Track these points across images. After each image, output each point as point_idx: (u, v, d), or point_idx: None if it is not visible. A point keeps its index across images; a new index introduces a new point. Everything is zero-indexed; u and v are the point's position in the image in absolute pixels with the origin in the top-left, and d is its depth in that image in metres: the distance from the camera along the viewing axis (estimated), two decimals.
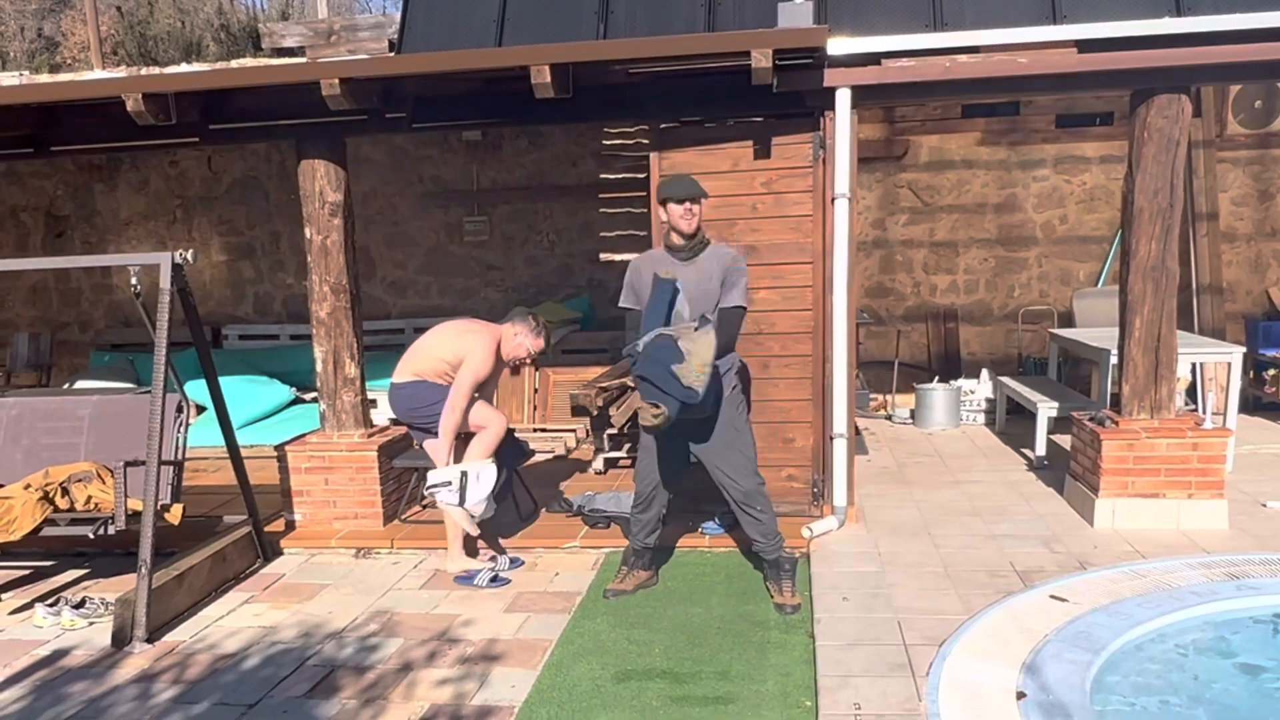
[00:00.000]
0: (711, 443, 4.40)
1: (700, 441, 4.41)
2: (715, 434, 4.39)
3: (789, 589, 4.40)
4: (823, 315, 5.29)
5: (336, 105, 4.83)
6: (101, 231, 10.01)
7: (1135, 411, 5.21)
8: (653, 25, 5.60)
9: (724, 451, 4.40)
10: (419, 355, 5.06)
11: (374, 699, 3.66)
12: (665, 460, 4.49)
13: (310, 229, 5.58)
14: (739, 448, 4.44)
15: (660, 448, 4.48)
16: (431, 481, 4.86)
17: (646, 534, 4.66)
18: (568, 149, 9.16)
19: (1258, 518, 5.23)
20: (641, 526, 4.65)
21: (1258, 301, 8.58)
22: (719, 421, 4.39)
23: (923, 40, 4.97)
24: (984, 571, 4.58)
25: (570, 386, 7.25)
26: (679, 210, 4.32)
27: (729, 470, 4.41)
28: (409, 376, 5.03)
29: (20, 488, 4.68)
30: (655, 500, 4.57)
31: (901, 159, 8.80)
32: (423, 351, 5.06)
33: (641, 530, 4.65)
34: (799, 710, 3.42)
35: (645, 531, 4.65)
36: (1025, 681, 3.41)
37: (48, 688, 3.88)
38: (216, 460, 6.53)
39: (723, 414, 4.40)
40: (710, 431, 4.38)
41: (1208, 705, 3.53)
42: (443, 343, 5.04)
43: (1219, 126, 8.30)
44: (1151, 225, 5.03)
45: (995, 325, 8.96)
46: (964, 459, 6.94)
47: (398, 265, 9.62)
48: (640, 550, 4.69)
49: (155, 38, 11.55)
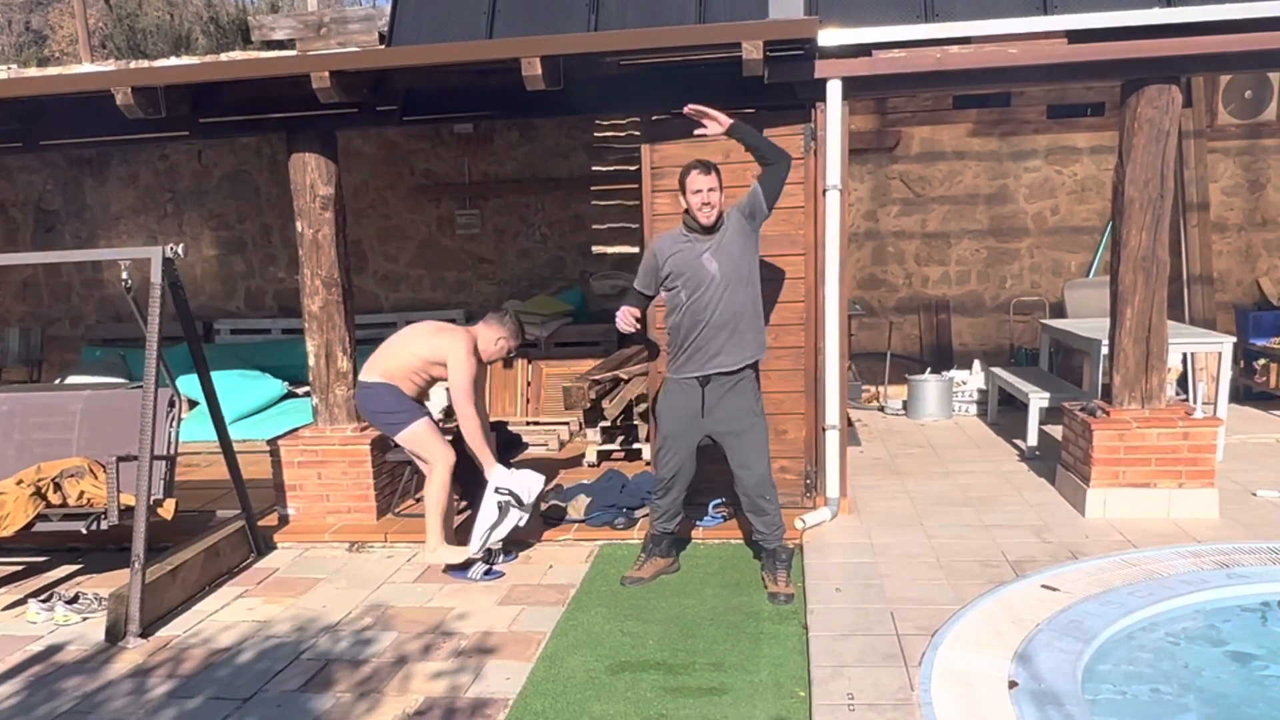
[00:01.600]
0: (731, 428, 4.43)
1: (720, 427, 4.44)
2: (735, 419, 4.43)
3: (784, 579, 4.42)
4: (814, 307, 5.30)
5: (327, 98, 4.81)
6: (92, 226, 9.97)
7: (1126, 401, 5.23)
8: (644, 17, 5.58)
9: (741, 438, 4.44)
10: (390, 353, 5.00)
11: (369, 692, 3.67)
12: (684, 446, 4.51)
13: (301, 223, 5.56)
14: (756, 434, 4.47)
15: (678, 435, 4.50)
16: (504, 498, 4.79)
17: (667, 519, 4.67)
18: (559, 141, 9.15)
19: (1248, 507, 5.25)
20: (662, 512, 4.66)
21: (1248, 291, 8.61)
22: (739, 408, 4.43)
23: (914, 31, 4.97)
24: (976, 561, 4.60)
25: (563, 379, 7.26)
26: (695, 202, 4.30)
27: (746, 456, 4.44)
28: (377, 377, 4.95)
29: (12, 483, 4.66)
30: (676, 484, 4.58)
31: (893, 150, 8.80)
32: (395, 349, 5.00)
33: (661, 516, 4.67)
34: (792, 700, 3.43)
35: (666, 517, 4.67)
36: (1017, 670, 3.43)
37: (42, 683, 3.88)
38: (209, 455, 6.51)
39: (742, 401, 4.43)
40: (730, 417, 4.42)
41: (1198, 693, 3.55)
42: (418, 339, 5.00)
43: (1209, 117, 8.31)
44: (1142, 215, 5.04)
45: (987, 316, 8.98)
46: (956, 450, 6.97)
47: (389, 259, 9.60)
48: (659, 536, 4.71)
49: (144, 31, 11.48)
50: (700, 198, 4.27)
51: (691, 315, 4.36)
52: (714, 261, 4.32)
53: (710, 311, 4.33)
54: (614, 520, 5.37)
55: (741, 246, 4.38)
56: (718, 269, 4.31)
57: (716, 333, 4.35)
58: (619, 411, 6.66)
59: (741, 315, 4.38)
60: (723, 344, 4.36)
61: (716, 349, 4.37)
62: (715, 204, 4.29)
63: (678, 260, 4.38)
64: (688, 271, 4.36)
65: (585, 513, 5.46)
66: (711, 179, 4.28)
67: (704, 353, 4.39)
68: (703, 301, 4.34)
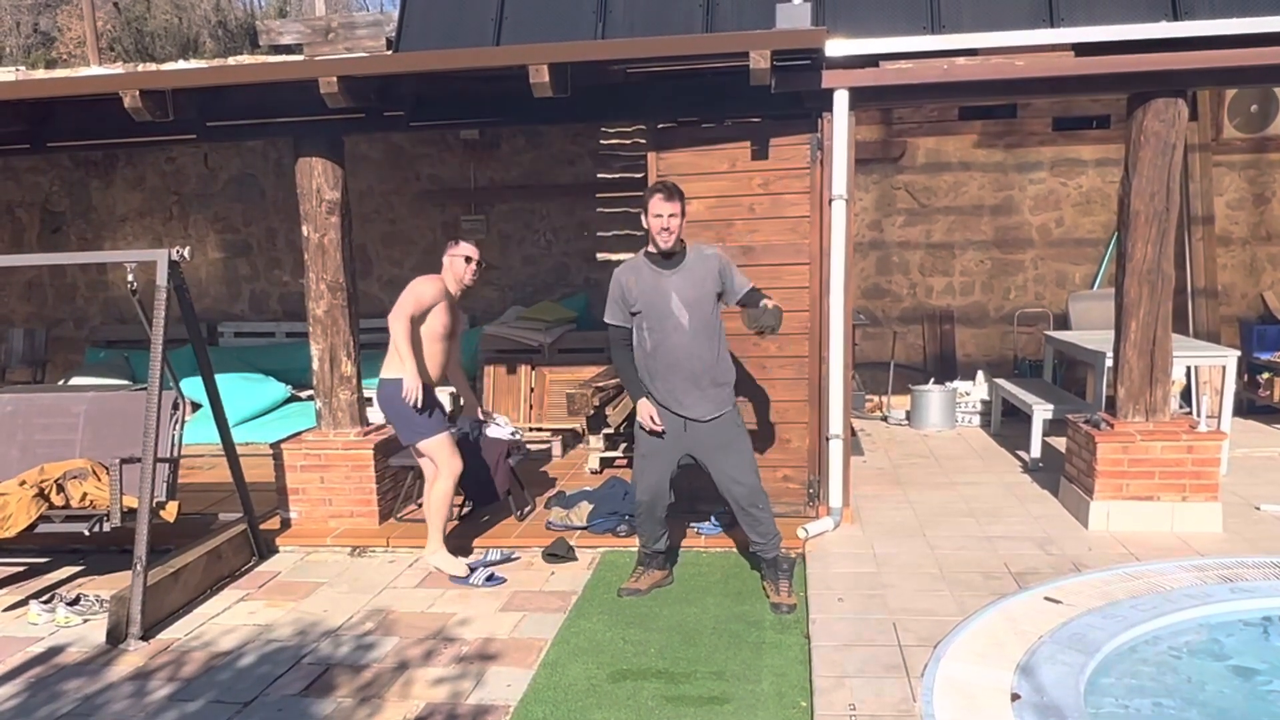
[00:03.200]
0: (714, 445, 4.40)
1: (707, 441, 4.41)
2: (719, 432, 4.39)
3: (785, 589, 4.41)
4: (819, 316, 5.30)
5: (334, 103, 4.83)
6: (97, 228, 9.99)
7: (1130, 414, 5.22)
8: (651, 25, 5.61)
9: (726, 452, 4.41)
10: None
11: (370, 697, 3.66)
12: (663, 465, 4.48)
13: (307, 227, 5.57)
14: (740, 447, 4.45)
15: (656, 454, 4.47)
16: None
17: (654, 539, 4.65)
18: (565, 148, 9.16)
19: (1251, 521, 5.24)
20: (648, 533, 4.64)
21: (1252, 305, 8.60)
22: (719, 422, 4.40)
23: (920, 42, 4.99)
24: (979, 573, 4.60)
25: (566, 386, 7.27)
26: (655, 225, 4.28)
27: (733, 471, 4.41)
28: (384, 373, 4.89)
29: (16, 484, 4.67)
30: (656, 505, 4.55)
31: (898, 161, 8.81)
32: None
33: (649, 537, 4.65)
34: (794, 710, 3.42)
35: (653, 538, 4.65)
36: (1019, 683, 3.42)
37: (42, 685, 3.87)
38: (212, 458, 6.52)
39: (724, 416, 4.41)
40: (712, 435, 4.39)
41: (1201, 707, 3.54)
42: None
43: (1215, 130, 8.32)
44: (1147, 228, 5.04)
45: (991, 327, 8.98)
46: (959, 461, 6.96)
47: (394, 263, 9.61)
48: (652, 554, 4.69)
49: (152, 34, 11.54)
50: (660, 222, 4.25)
51: (661, 358, 4.32)
52: (681, 306, 4.27)
53: (677, 357, 4.30)
54: (616, 527, 5.36)
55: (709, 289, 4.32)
56: (687, 319, 4.27)
57: (688, 385, 4.32)
58: (622, 419, 6.65)
59: (708, 370, 4.33)
60: (696, 399, 4.34)
61: (691, 402, 4.35)
62: (675, 230, 4.27)
63: (641, 289, 4.33)
64: (653, 301, 4.30)
65: (587, 519, 5.45)
66: (674, 205, 4.26)
67: (675, 400, 4.36)
68: (668, 345, 4.30)
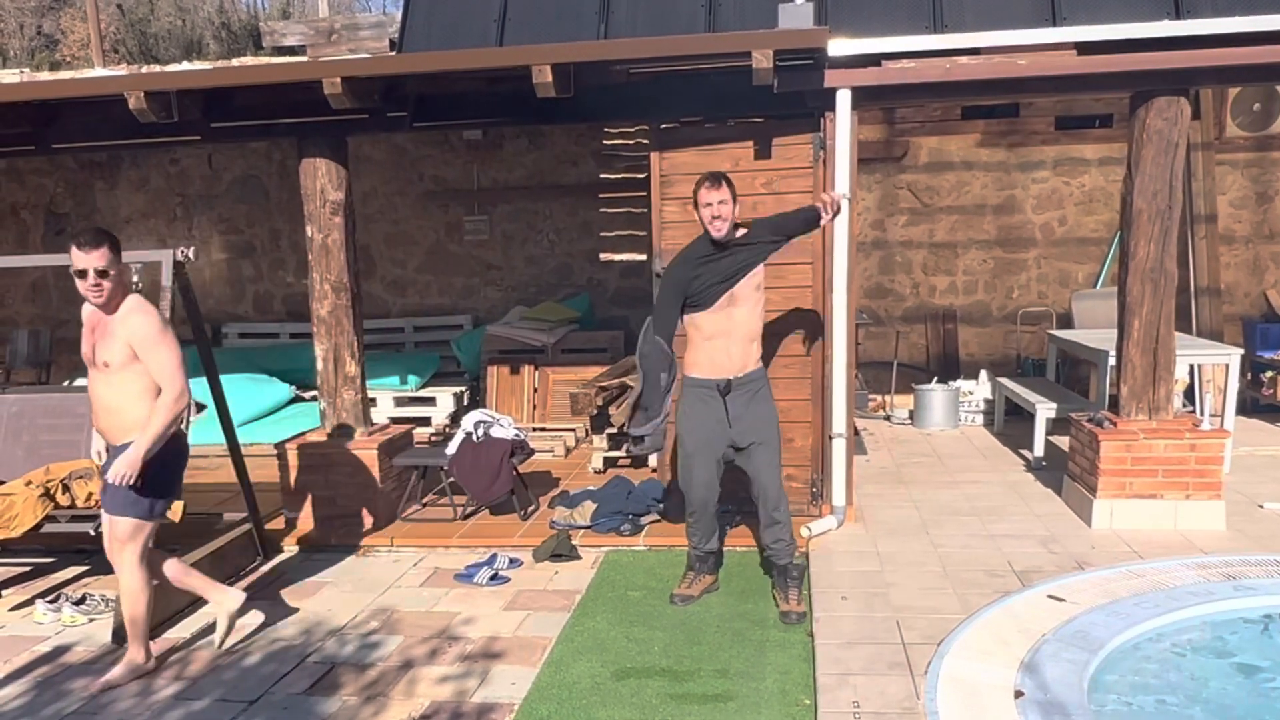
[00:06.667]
0: (758, 438, 4.35)
1: (749, 437, 4.35)
2: (760, 429, 4.36)
3: (795, 596, 4.34)
4: (822, 315, 5.30)
5: (338, 104, 4.84)
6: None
7: (1133, 413, 5.22)
8: (654, 25, 5.61)
9: (767, 447, 4.37)
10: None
11: (375, 696, 3.67)
12: (710, 461, 4.40)
13: (311, 227, 5.59)
14: (776, 445, 4.43)
15: (700, 450, 4.40)
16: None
17: (706, 539, 4.56)
18: (568, 148, 9.17)
19: (1255, 519, 5.24)
20: (699, 534, 4.55)
21: (1256, 303, 8.60)
22: (764, 416, 4.37)
23: (923, 42, 4.99)
24: (982, 571, 4.60)
25: (570, 386, 7.27)
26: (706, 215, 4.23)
27: (769, 469, 4.37)
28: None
29: (21, 484, 4.68)
30: (709, 504, 4.47)
31: (901, 160, 8.81)
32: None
33: (700, 538, 4.55)
34: (798, 708, 3.43)
35: (704, 538, 4.56)
36: (1023, 680, 3.42)
37: (49, 684, 3.89)
38: (217, 458, 6.52)
39: (765, 409, 4.39)
40: (755, 428, 4.35)
41: (1204, 705, 3.54)
42: None
43: (1218, 129, 8.31)
44: (1150, 227, 5.05)
45: (994, 326, 8.98)
46: (962, 459, 6.96)
47: (398, 264, 9.63)
48: (704, 555, 4.60)
49: (156, 36, 11.56)
50: (710, 211, 4.19)
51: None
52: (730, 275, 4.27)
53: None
54: (620, 526, 5.37)
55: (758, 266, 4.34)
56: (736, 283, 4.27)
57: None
58: (625, 418, 6.65)
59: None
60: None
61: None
62: (727, 216, 4.20)
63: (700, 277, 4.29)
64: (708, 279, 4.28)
65: (591, 519, 5.46)
66: (722, 192, 4.20)
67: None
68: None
